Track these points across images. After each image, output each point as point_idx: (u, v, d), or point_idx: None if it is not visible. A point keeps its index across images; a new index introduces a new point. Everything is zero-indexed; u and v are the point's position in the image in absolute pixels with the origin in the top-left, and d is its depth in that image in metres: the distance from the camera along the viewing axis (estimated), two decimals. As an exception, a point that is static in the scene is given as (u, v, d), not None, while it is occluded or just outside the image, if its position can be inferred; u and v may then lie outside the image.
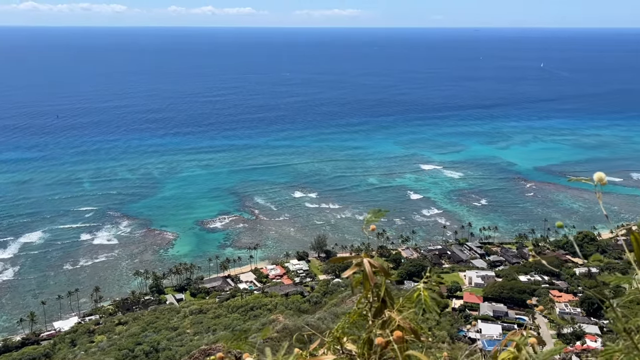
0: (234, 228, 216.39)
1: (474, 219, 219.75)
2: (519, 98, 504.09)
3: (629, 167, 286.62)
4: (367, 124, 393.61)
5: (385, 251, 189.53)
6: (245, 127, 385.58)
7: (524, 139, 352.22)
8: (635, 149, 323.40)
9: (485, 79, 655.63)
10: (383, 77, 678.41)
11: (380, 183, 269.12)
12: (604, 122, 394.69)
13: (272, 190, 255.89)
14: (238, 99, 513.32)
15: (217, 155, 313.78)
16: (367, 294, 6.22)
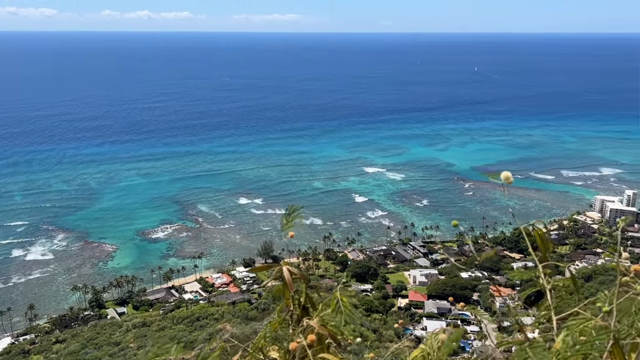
0: (177, 237, 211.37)
1: (417, 219, 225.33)
2: (456, 101, 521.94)
3: (560, 165, 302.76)
4: (312, 129, 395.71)
5: (332, 254, 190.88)
6: (187, 134, 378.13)
7: (461, 140, 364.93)
8: (564, 148, 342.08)
9: (424, 82, 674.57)
10: (327, 82, 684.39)
11: (325, 187, 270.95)
12: (535, 122, 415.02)
13: (217, 198, 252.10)
14: (178, 104, 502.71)
15: (158, 163, 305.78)
16: (287, 301, 6.27)
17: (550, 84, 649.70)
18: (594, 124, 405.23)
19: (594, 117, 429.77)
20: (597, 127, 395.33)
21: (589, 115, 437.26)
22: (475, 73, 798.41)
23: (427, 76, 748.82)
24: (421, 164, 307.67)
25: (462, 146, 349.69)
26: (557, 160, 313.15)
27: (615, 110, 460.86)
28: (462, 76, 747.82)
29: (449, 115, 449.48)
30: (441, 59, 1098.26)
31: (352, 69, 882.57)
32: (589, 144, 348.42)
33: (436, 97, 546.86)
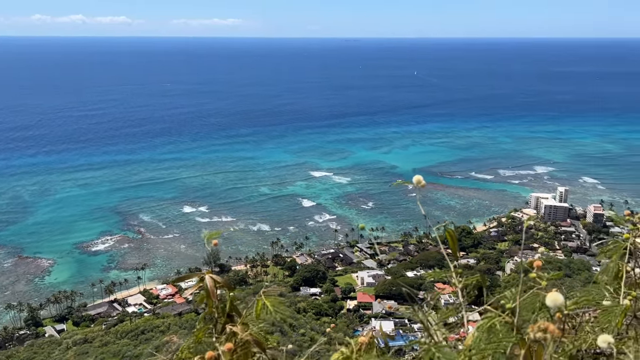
0: (119, 249, 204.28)
1: (363, 221, 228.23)
2: (397, 105, 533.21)
3: (497, 165, 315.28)
4: (257, 134, 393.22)
5: (280, 259, 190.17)
6: (128, 142, 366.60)
7: (404, 143, 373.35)
8: (501, 148, 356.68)
9: (365, 87, 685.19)
10: (268, 87, 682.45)
11: (272, 192, 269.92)
12: (473, 124, 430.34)
13: (160, 207, 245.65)
14: (117, 111, 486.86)
15: (97, 173, 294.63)
16: (210, 310, 6.19)
17: (488, 87, 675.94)
18: (528, 125, 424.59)
19: (527, 119, 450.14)
20: (530, 128, 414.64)
21: (523, 117, 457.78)
22: (414, 77, 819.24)
23: (367, 80, 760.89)
24: (366, 167, 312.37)
25: (404, 149, 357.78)
26: (494, 160, 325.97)
27: (547, 111, 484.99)
28: (402, 80, 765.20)
29: (391, 119, 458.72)
30: (379, 64, 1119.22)
31: (292, 74, 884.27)
32: (524, 144, 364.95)
33: (378, 101, 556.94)
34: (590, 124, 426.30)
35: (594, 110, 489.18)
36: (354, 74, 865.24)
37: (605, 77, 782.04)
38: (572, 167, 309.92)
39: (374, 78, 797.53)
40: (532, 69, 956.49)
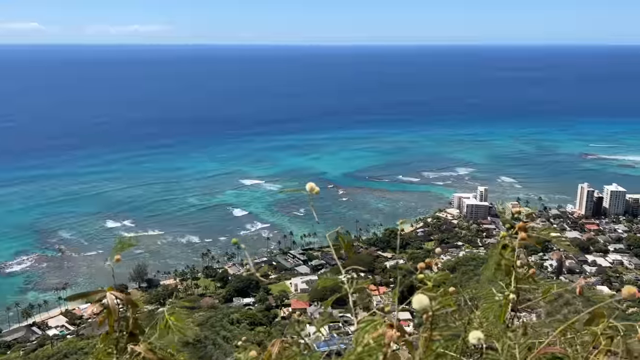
0: (37, 269, 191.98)
1: (295, 227, 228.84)
2: (325, 111, 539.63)
3: (422, 168, 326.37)
4: (184, 144, 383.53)
5: (211, 271, 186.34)
6: (45, 155, 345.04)
7: (333, 149, 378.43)
8: (425, 152, 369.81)
9: (294, 94, 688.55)
10: (194, 94, 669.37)
11: (201, 203, 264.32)
12: (399, 129, 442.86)
13: (81, 223, 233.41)
14: (31, 124, 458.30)
15: (9, 190, 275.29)
16: (111, 329, 6.02)
17: (411, 93, 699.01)
18: (449, 129, 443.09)
19: (448, 122, 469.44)
20: (451, 131, 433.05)
21: (444, 121, 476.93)
22: (342, 84, 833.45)
23: (296, 87, 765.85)
24: (297, 174, 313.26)
25: (334, 154, 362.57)
26: (419, 163, 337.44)
27: (464, 115, 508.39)
28: (329, 87, 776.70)
29: (320, 125, 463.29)
30: (308, 70, 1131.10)
31: (218, 81, 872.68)
32: (446, 147, 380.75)
33: (307, 108, 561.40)
34: (505, 126, 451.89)
35: (508, 113, 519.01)
36: (283, 81, 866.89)
37: (519, 82, 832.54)
38: (490, 167, 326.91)
39: (301, 85, 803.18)
40: (452, 75, 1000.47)
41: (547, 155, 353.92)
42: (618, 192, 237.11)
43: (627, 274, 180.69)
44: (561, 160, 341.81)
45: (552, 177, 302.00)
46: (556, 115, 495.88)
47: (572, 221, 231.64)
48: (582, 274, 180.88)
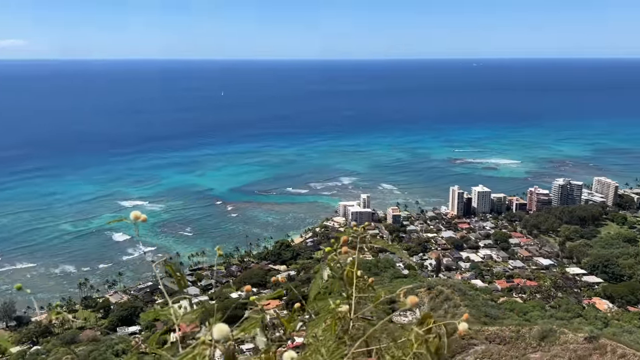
0: None
1: (182, 247, 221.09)
2: (206, 126, 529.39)
3: (309, 179, 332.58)
4: (55, 167, 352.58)
5: (91, 301, 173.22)
6: None
7: (218, 164, 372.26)
8: (311, 164, 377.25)
9: (168, 109, 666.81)
10: (62, 113, 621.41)
11: (77, 229, 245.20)
12: (284, 142, 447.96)
13: None
14: None
15: None
16: None
17: (292, 107, 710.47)
18: (332, 140, 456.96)
19: (331, 135, 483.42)
20: (334, 143, 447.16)
21: (327, 133, 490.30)
22: (222, 98, 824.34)
23: (169, 103, 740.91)
24: (181, 192, 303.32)
25: (219, 170, 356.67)
26: (306, 175, 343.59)
27: (342, 127, 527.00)
28: (208, 101, 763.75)
29: (202, 140, 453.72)
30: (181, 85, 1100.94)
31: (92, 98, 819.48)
32: (330, 158, 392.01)
33: (186, 123, 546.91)
34: (383, 135, 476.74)
35: (384, 123, 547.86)
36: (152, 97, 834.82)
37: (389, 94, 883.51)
38: (372, 176, 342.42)
39: (181, 100, 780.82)
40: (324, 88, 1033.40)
41: (422, 162, 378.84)
42: (484, 192, 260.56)
43: (496, 266, 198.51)
44: (434, 166, 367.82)
45: (427, 182, 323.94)
46: (427, 124, 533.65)
47: (447, 221, 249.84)
48: (457, 270, 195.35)
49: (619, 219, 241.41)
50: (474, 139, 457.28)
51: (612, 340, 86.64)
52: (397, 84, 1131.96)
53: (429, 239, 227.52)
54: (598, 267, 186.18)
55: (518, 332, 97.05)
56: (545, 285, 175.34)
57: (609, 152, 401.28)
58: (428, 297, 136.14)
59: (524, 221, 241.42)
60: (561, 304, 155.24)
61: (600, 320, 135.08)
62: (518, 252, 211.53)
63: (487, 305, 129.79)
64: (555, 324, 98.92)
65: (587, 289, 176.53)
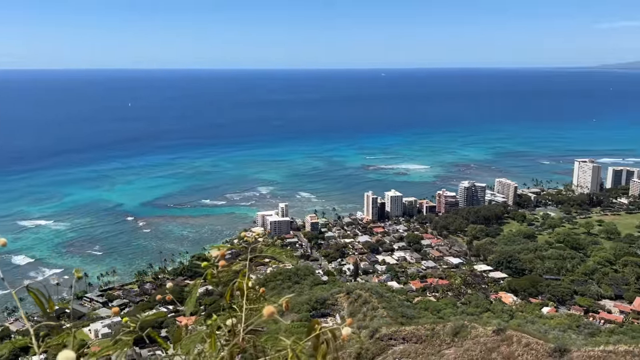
0: None
1: (90, 267, 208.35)
2: (114, 138, 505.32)
3: (225, 190, 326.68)
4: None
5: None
6: None
7: (128, 178, 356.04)
8: (227, 174, 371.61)
9: (73, 120, 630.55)
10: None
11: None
12: (198, 153, 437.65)
13: None
14: None
15: None
16: None
17: (206, 117, 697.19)
18: (247, 150, 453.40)
19: (246, 145, 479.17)
20: (250, 152, 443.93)
21: (242, 143, 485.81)
22: (129, 109, 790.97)
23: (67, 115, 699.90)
24: (89, 209, 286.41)
25: (129, 184, 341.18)
26: (223, 186, 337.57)
27: (260, 136, 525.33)
28: (115, 113, 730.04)
29: (111, 153, 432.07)
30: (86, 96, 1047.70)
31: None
32: (247, 168, 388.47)
33: (90, 136, 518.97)
34: (299, 144, 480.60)
35: (300, 132, 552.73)
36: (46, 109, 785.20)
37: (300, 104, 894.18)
38: (290, 185, 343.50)
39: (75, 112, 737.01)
40: (245, 98, 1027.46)
41: (337, 170, 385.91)
42: (396, 196, 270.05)
43: (410, 267, 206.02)
44: (350, 174, 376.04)
45: (343, 188, 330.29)
46: (342, 132, 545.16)
47: (362, 226, 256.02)
48: (374, 273, 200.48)
49: (519, 217, 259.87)
50: (386, 146, 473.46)
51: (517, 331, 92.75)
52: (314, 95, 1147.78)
53: (346, 244, 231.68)
54: (502, 263, 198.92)
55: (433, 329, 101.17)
56: (455, 283, 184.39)
57: (509, 155, 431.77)
58: (347, 302, 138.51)
59: (434, 223, 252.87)
60: (471, 300, 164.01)
61: (506, 313, 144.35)
62: (430, 252, 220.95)
63: (403, 306, 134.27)
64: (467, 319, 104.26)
65: (493, 284, 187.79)
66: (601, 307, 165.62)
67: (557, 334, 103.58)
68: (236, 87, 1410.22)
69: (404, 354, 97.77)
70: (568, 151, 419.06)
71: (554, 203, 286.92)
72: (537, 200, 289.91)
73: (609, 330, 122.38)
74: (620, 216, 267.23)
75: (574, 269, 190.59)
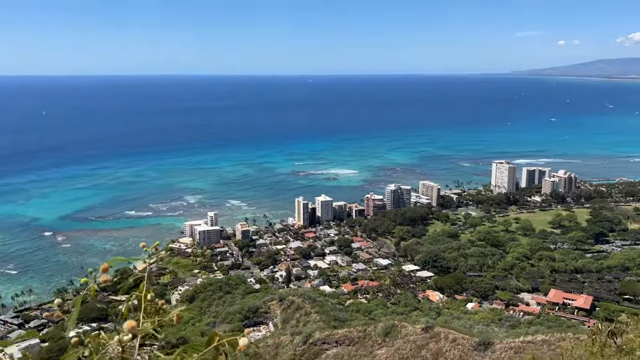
0: None
1: (3, 287, 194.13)
2: (30, 149, 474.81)
3: (151, 200, 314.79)
4: None
5: None
6: None
7: (44, 191, 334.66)
8: (152, 184, 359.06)
9: None
10: None
11: None
12: (120, 163, 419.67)
13: None
14: None
15: None
16: None
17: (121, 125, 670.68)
18: (172, 158, 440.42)
19: (170, 153, 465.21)
20: (176, 161, 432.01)
21: (167, 151, 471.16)
22: (44, 117, 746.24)
23: None
24: (0, 225, 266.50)
25: (46, 197, 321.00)
26: (148, 196, 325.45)
27: (186, 144, 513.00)
28: (29, 122, 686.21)
29: (23, 166, 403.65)
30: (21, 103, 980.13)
31: None
32: (173, 177, 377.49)
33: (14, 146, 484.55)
34: (228, 151, 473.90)
35: (228, 139, 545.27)
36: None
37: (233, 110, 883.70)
38: (219, 193, 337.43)
39: None
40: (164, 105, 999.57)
41: (268, 177, 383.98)
42: (327, 201, 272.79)
43: (341, 271, 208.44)
44: (280, 180, 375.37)
45: (274, 195, 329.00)
46: (272, 139, 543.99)
47: (294, 232, 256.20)
48: (307, 278, 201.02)
49: (442, 217, 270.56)
50: (316, 152, 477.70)
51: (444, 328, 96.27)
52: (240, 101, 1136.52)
53: (278, 251, 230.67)
54: (429, 262, 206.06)
55: (365, 331, 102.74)
56: (385, 284, 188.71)
57: (432, 159, 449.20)
58: (280, 309, 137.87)
59: (363, 226, 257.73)
60: (400, 300, 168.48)
61: (434, 311, 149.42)
62: (360, 255, 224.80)
63: (336, 309, 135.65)
64: (397, 319, 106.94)
65: (421, 283, 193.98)
66: (520, 300, 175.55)
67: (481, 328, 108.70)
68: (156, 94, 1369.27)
69: (338, 357, 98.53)
70: (486, 153, 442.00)
71: (474, 203, 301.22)
72: (459, 201, 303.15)
73: (527, 322, 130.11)
74: (535, 213, 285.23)
75: (495, 265, 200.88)
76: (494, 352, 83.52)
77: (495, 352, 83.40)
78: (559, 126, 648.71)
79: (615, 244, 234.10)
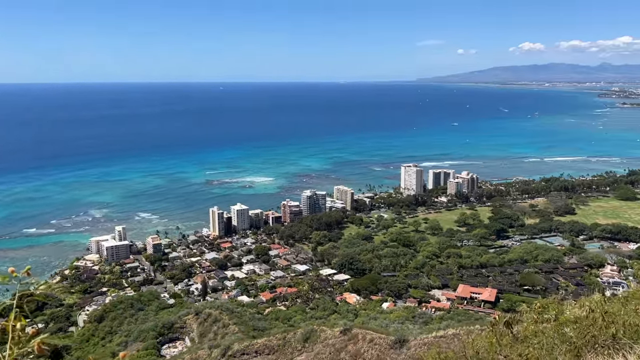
0: None
1: None
2: None
3: (51, 217, 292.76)
4: None
5: None
6: None
7: None
8: (53, 199, 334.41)
9: None
10: None
11: None
12: (16, 178, 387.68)
13: None
14: None
15: None
16: None
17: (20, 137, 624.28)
18: (77, 171, 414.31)
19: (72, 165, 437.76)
20: (79, 173, 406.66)
21: (69, 164, 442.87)
22: None
23: None
24: None
25: None
26: (49, 212, 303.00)
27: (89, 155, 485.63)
28: None
29: None
30: None
31: None
32: (77, 190, 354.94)
33: None
34: (135, 162, 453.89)
35: (134, 149, 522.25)
36: None
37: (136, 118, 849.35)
38: (127, 206, 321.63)
39: None
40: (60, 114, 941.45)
41: (180, 187, 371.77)
42: (242, 210, 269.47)
43: (259, 279, 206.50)
44: (193, 190, 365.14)
45: (187, 206, 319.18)
46: (182, 148, 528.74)
47: (209, 243, 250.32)
48: (224, 289, 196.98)
49: (357, 220, 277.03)
50: (229, 160, 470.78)
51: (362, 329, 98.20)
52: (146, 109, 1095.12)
53: (193, 263, 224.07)
54: (345, 265, 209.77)
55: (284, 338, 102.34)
56: (303, 290, 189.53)
57: (345, 164, 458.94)
58: (197, 323, 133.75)
59: (280, 233, 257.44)
60: (319, 304, 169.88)
61: (351, 313, 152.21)
62: (278, 262, 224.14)
63: (255, 319, 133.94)
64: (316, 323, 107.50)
65: (338, 286, 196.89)
66: (432, 297, 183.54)
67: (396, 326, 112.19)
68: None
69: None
70: (396, 158, 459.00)
71: (386, 205, 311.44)
72: (372, 204, 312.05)
73: (439, 318, 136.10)
74: (442, 213, 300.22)
75: (407, 264, 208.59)
76: (409, 349, 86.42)
77: (410, 348, 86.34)
78: (461, 130, 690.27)
79: (514, 239, 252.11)
